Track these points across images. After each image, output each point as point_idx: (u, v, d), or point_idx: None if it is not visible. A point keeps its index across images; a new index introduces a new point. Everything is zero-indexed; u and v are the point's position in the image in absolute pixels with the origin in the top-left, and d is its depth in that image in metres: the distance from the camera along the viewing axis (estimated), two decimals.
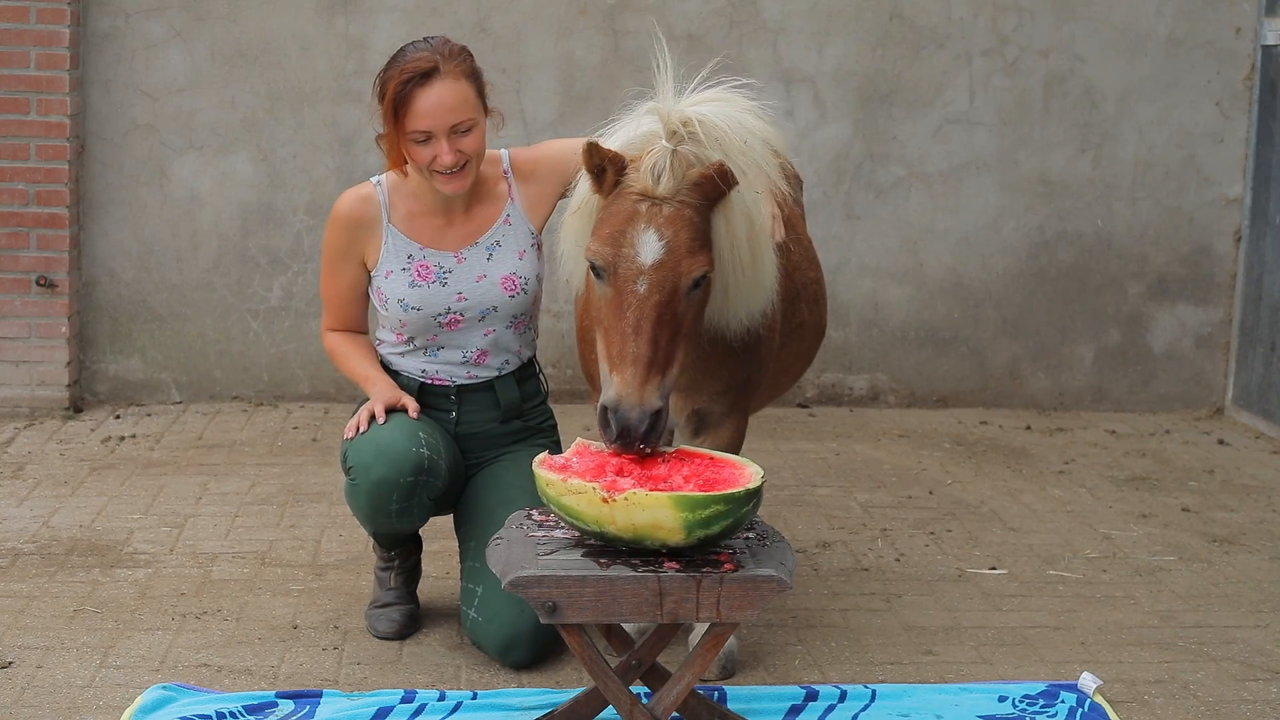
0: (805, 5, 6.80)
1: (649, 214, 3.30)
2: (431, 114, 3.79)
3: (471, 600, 3.90)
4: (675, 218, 3.30)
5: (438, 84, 3.80)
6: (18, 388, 6.45)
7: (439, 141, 3.81)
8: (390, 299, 4.00)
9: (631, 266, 3.28)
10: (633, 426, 3.20)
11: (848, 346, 7.00)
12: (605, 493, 3.08)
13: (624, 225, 3.30)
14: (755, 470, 3.24)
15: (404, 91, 3.79)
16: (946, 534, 5.14)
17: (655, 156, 3.34)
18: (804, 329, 4.13)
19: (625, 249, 3.29)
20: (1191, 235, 7.06)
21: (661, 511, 3.07)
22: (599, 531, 3.15)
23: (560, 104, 6.74)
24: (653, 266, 3.27)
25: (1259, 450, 6.46)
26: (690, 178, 3.33)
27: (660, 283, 3.27)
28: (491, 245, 4.02)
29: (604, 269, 3.31)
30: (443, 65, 3.81)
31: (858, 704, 3.68)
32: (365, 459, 3.85)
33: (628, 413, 3.20)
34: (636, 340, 3.24)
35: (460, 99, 3.82)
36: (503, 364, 4.10)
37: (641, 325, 3.24)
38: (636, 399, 3.21)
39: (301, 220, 6.70)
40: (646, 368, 3.23)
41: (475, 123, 3.85)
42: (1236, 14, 6.95)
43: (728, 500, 3.10)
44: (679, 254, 3.29)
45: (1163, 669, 4.03)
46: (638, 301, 3.26)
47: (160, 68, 6.59)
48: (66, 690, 3.70)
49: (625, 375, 3.22)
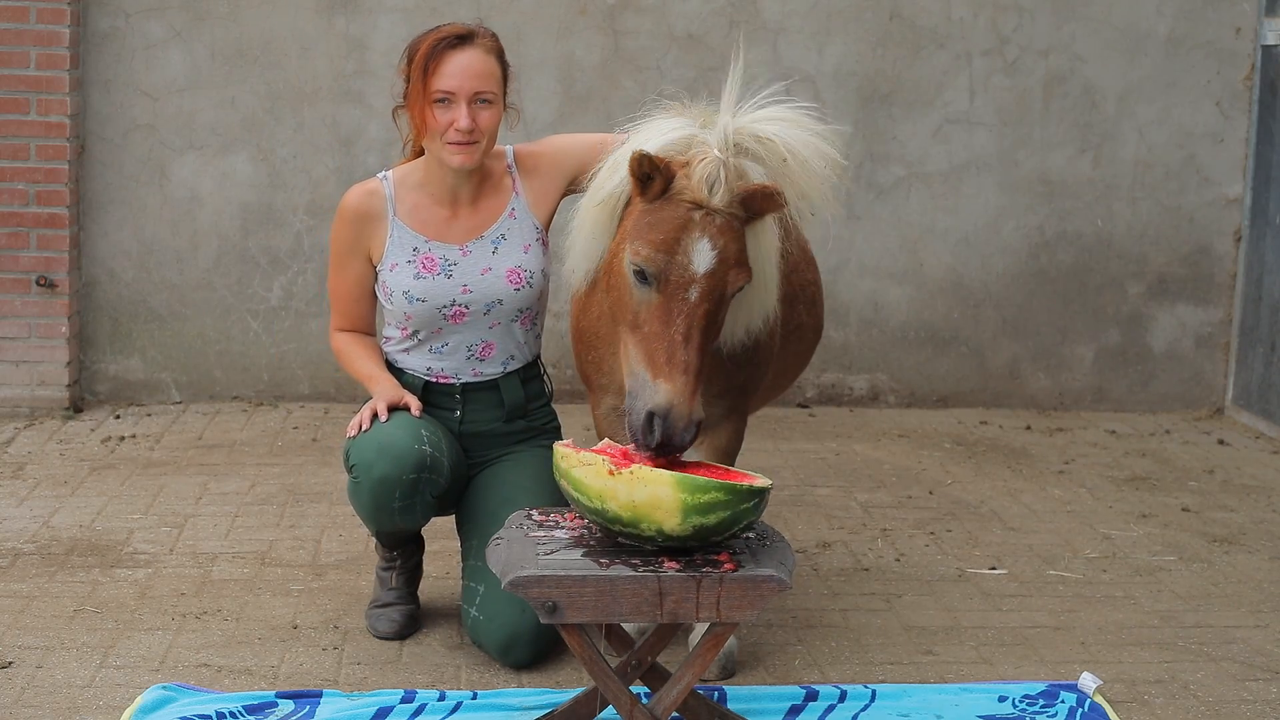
0: (805, 5, 6.80)
1: (703, 223, 3.31)
2: (459, 75, 3.86)
3: (473, 599, 3.90)
4: (726, 228, 3.32)
5: (469, 50, 3.89)
6: (18, 388, 6.45)
7: (459, 105, 3.86)
8: (395, 291, 4.01)
9: (685, 274, 3.29)
10: (677, 436, 3.23)
11: (848, 346, 7.00)
12: (613, 465, 3.13)
13: (678, 233, 3.31)
14: (765, 480, 3.25)
15: (437, 50, 3.87)
16: (946, 534, 5.14)
17: (709, 167, 3.34)
18: (802, 330, 4.14)
19: (679, 256, 3.29)
20: (1191, 235, 7.07)
21: (662, 489, 3.09)
22: (600, 509, 3.17)
23: (560, 104, 6.74)
24: (706, 275, 3.29)
25: (1259, 450, 6.46)
26: (739, 191, 3.35)
27: (710, 291, 3.29)
28: (497, 239, 4.03)
29: (654, 275, 3.31)
30: (477, 36, 3.93)
31: (858, 704, 3.68)
32: (368, 456, 3.85)
33: (676, 422, 3.22)
34: (687, 349, 3.25)
35: (488, 70, 3.90)
36: (507, 360, 4.11)
37: (692, 333, 3.26)
38: (687, 409, 3.23)
39: (301, 220, 6.70)
40: (696, 377, 3.26)
41: (496, 98, 3.92)
42: (1236, 14, 6.95)
43: (728, 490, 3.11)
44: (729, 264, 3.31)
45: (1163, 669, 4.03)
46: (689, 310, 3.28)
47: (160, 68, 6.59)
48: (66, 690, 3.70)
49: (678, 384, 3.23)
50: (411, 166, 4.09)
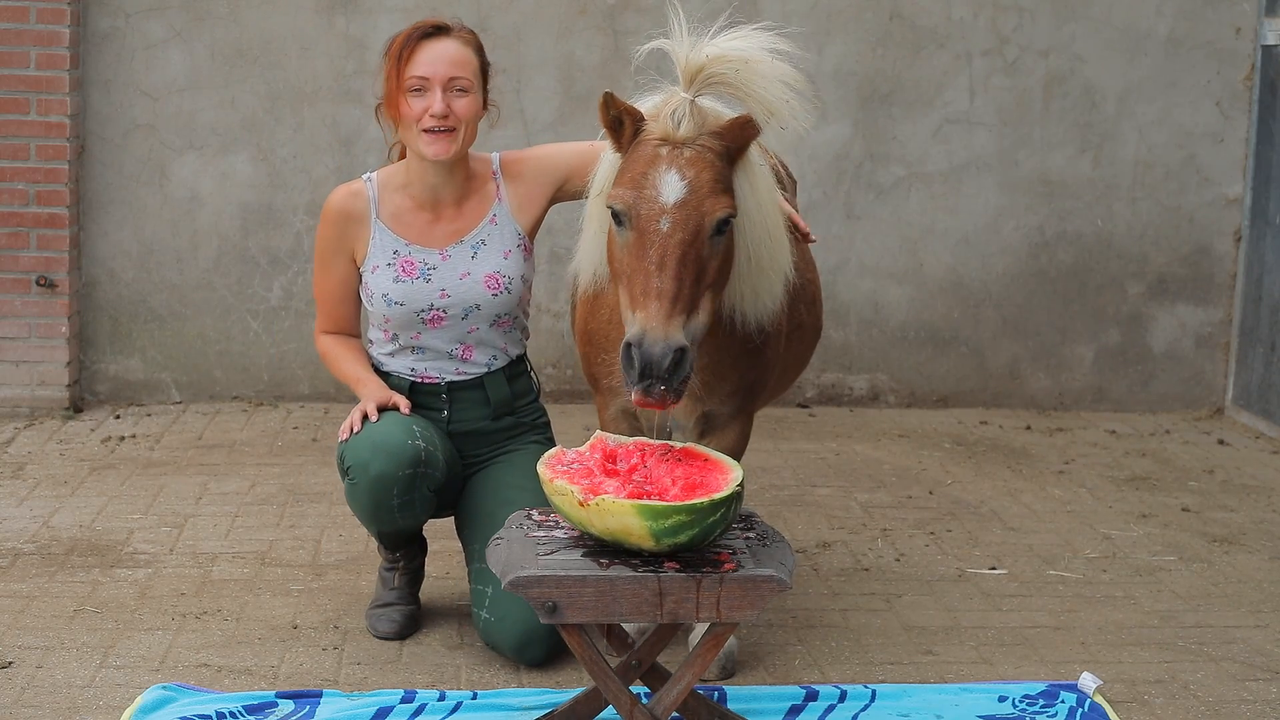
0: (805, 5, 6.79)
1: (670, 156, 3.30)
2: (432, 62, 3.89)
3: (482, 601, 3.90)
4: (697, 159, 3.30)
5: (444, 40, 3.93)
6: (18, 388, 6.45)
7: (433, 92, 3.88)
8: (376, 294, 4.02)
9: (654, 207, 3.26)
10: (656, 361, 3.12)
11: (848, 346, 7.00)
12: (582, 496, 3.12)
13: (645, 168, 3.30)
14: (734, 478, 3.21)
15: (411, 40, 3.91)
16: (946, 534, 5.14)
17: (674, 104, 3.35)
18: (803, 330, 4.14)
19: (647, 190, 3.27)
20: (1191, 235, 7.06)
21: (629, 519, 3.09)
22: (585, 531, 3.20)
23: (560, 104, 6.74)
24: (676, 205, 3.25)
25: (1259, 450, 6.46)
26: (711, 124, 3.34)
27: (684, 221, 3.25)
28: (477, 244, 4.04)
29: (625, 213, 3.29)
30: (454, 29, 3.96)
31: (858, 704, 3.68)
32: (362, 457, 3.85)
33: (651, 347, 3.13)
34: (661, 276, 3.19)
35: (463, 58, 3.93)
36: (490, 360, 4.11)
37: (666, 262, 3.21)
38: (661, 333, 3.14)
39: (301, 220, 6.70)
40: (671, 302, 3.17)
41: (472, 88, 3.93)
42: (1236, 14, 6.95)
43: (689, 511, 3.09)
44: (701, 193, 3.27)
45: (1163, 669, 4.03)
46: (661, 239, 3.23)
47: (160, 68, 6.59)
48: (66, 690, 3.70)
49: (649, 310, 3.16)
50: (396, 168, 4.10)
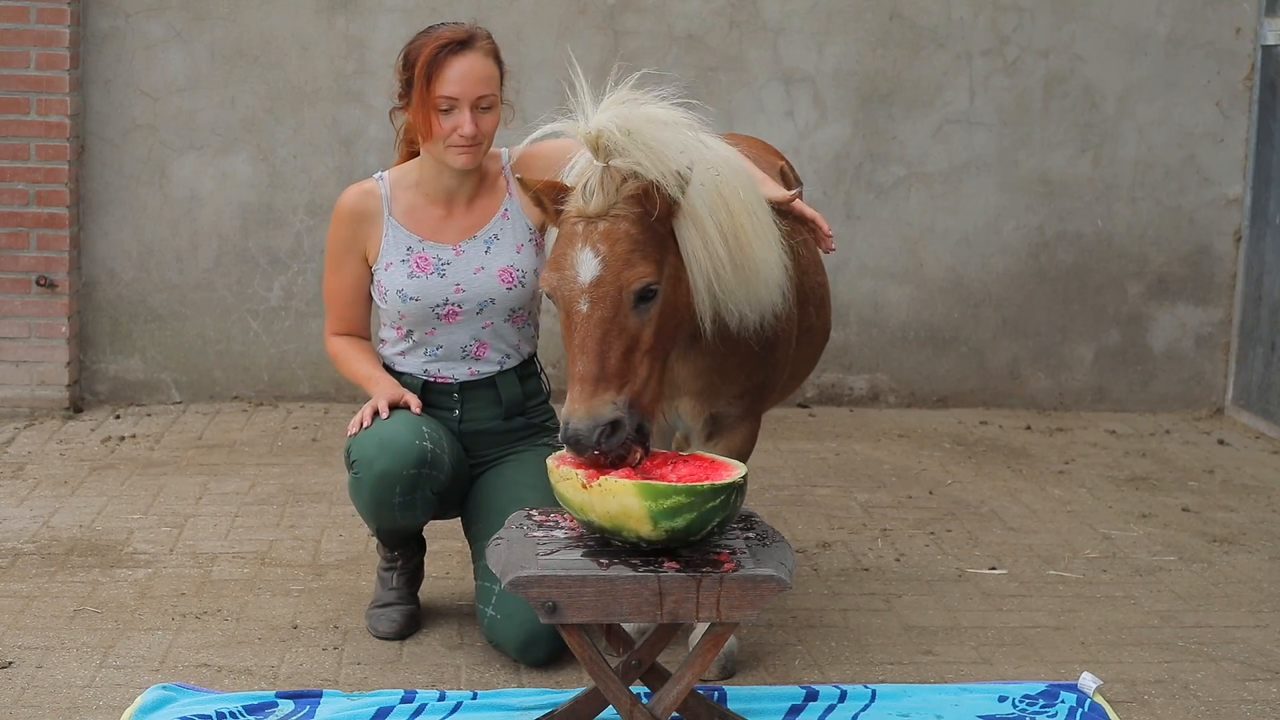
0: (805, 5, 6.80)
1: (585, 233, 3.33)
2: (462, 81, 3.88)
3: (489, 598, 3.90)
4: (610, 232, 3.32)
5: (470, 55, 3.91)
6: (18, 388, 6.45)
7: (462, 112, 3.89)
8: (390, 291, 4.02)
9: (573, 288, 3.31)
10: (582, 437, 3.21)
11: (848, 346, 7.00)
12: (585, 479, 3.16)
13: (564, 248, 3.35)
14: (739, 472, 3.24)
15: (438, 57, 3.89)
16: (946, 534, 5.14)
17: (586, 176, 3.39)
18: (812, 332, 4.14)
19: (567, 271, 3.32)
20: (1191, 235, 7.06)
21: (628, 499, 3.11)
22: (586, 519, 3.21)
23: (560, 104, 6.72)
24: (592, 284, 3.29)
25: (1259, 450, 6.46)
26: (625, 191, 3.34)
27: (600, 299, 3.29)
28: (489, 239, 4.05)
29: (552, 295, 3.37)
30: (475, 39, 3.95)
31: (858, 704, 3.68)
32: (369, 452, 3.86)
33: (577, 425, 3.22)
34: (583, 358, 3.27)
35: (488, 74, 3.94)
36: (503, 358, 4.12)
37: (587, 343, 3.27)
38: (584, 411, 3.22)
39: (301, 220, 6.70)
40: (594, 383, 3.24)
41: (496, 102, 3.96)
42: (1236, 14, 6.95)
43: (690, 493, 3.11)
44: (616, 267, 3.30)
45: (1163, 669, 4.03)
46: (581, 320, 3.29)
47: (160, 68, 6.59)
48: (66, 690, 3.70)
49: (573, 392, 3.26)
50: (407, 167, 4.12)
